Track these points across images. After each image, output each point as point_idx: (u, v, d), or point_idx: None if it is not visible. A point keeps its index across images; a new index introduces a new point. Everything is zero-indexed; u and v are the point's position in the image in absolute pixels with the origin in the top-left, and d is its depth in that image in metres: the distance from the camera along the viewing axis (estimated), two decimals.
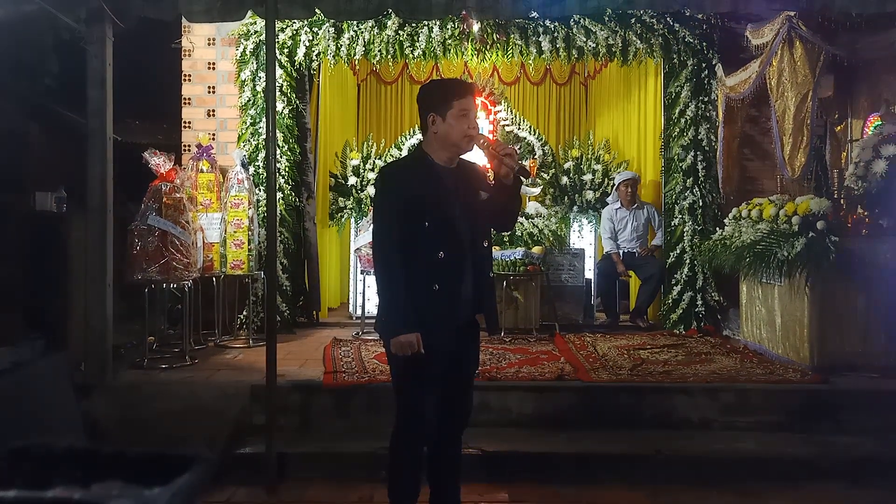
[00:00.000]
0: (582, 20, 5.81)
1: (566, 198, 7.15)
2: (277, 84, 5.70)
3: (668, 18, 5.88)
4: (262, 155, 5.79)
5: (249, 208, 5.40)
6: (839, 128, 5.60)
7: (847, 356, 4.45)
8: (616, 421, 4.03)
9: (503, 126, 7.42)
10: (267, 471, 3.46)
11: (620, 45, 5.88)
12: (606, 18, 5.79)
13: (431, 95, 2.71)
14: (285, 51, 5.88)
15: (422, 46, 5.80)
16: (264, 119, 5.53)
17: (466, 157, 2.80)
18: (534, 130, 7.56)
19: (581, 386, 4.18)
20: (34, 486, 0.58)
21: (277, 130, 5.67)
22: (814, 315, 4.48)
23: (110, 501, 0.55)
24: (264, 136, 5.24)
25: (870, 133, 5.24)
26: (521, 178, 2.66)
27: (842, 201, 4.82)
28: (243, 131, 5.98)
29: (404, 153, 6.79)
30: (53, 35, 4.71)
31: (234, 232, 5.37)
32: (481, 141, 2.69)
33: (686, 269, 6.02)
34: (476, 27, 5.73)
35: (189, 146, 6.05)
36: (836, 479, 3.52)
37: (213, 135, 6.05)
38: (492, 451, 3.64)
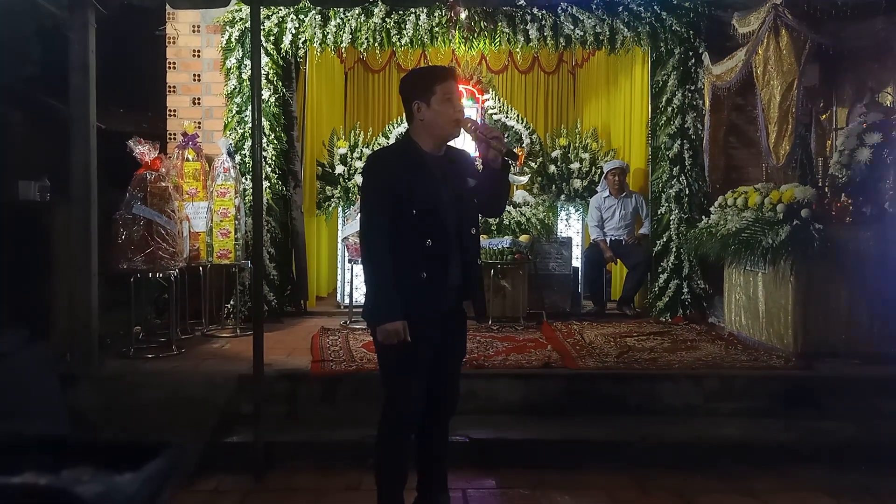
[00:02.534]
0: (569, 8, 5.80)
1: (553, 186, 7.16)
2: (263, 72, 5.67)
3: (655, 6, 5.89)
4: (248, 143, 5.75)
5: (236, 197, 5.37)
6: (824, 116, 5.63)
7: (830, 343, 4.50)
8: (602, 407, 4.06)
9: (491, 114, 7.41)
10: (254, 459, 3.47)
11: (608, 33, 5.88)
12: (594, 6, 5.79)
13: (414, 83, 2.70)
14: (271, 38, 5.84)
15: (409, 34, 5.78)
16: (250, 107, 5.49)
17: (455, 143, 2.80)
18: (521, 119, 7.56)
19: (568, 373, 4.21)
20: (1, 472, 0.57)
21: (264, 119, 5.64)
22: (798, 302, 4.52)
23: (79, 487, 0.54)
24: (250, 125, 5.21)
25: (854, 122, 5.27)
26: (510, 161, 2.67)
27: (826, 189, 4.86)
28: (229, 120, 5.94)
29: (392, 142, 6.77)
30: (35, 21, 4.65)
31: (221, 221, 5.34)
32: (468, 125, 2.69)
33: (672, 258, 6.05)
34: (463, 15, 5.71)
35: (174, 134, 6.00)
36: (818, 464, 3.57)
37: (199, 123, 6.00)
38: (479, 438, 3.66)
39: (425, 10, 5.71)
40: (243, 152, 5.79)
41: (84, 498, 0.55)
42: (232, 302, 5.68)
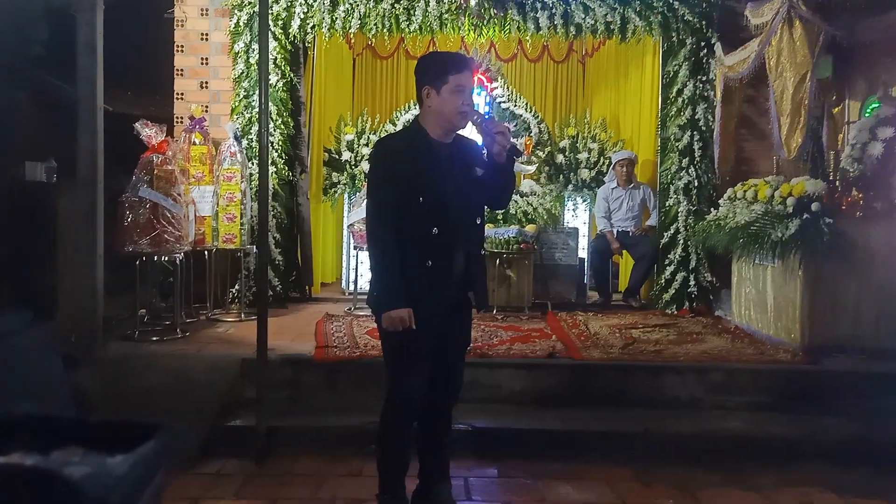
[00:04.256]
0: None
1: (561, 176, 7.12)
2: (271, 57, 5.64)
3: None
4: (255, 128, 5.73)
5: (242, 182, 5.36)
6: (836, 109, 5.57)
7: (838, 338, 4.46)
8: (606, 399, 4.05)
9: (499, 103, 7.36)
10: (257, 444, 3.47)
11: (619, 22, 5.82)
12: None
13: (428, 68, 2.68)
14: (279, 23, 5.80)
15: (418, 20, 5.73)
16: (258, 92, 5.46)
17: (463, 132, 2.78)
18: (530, 108, 7.51)
19: (572, 364, 4.19)
20: None
21: (271, 104, 5.61)
22: (806, 297, 4.48)
23: (67, 468, 0.53)
24: (258, 109, 5.19)
25: (865, 115, 5.21)
26: (514, 156, 2.65)
27: (837, 183, 4.80)
28: (236, 104, 5.91)
29: (399, 129, 6.73)
30: (43, 1, 4.63)
31: (227, 205, 5.33)
32: (475, 117, 2.67)
33: (679, 250, 6.01)
34: (473, 2, 5.66)
35: (181, 118, 5.98)
36: (823, 460, 3.54)
37: (206, 107, 5.98)
38: (481, 427, 3.66)
39: None
40: (250, 137, 5.77)
41: (71, 479, 0.53)
42: (237, 286, 5.68)
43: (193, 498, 3.08)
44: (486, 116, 2.75)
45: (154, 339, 4.61)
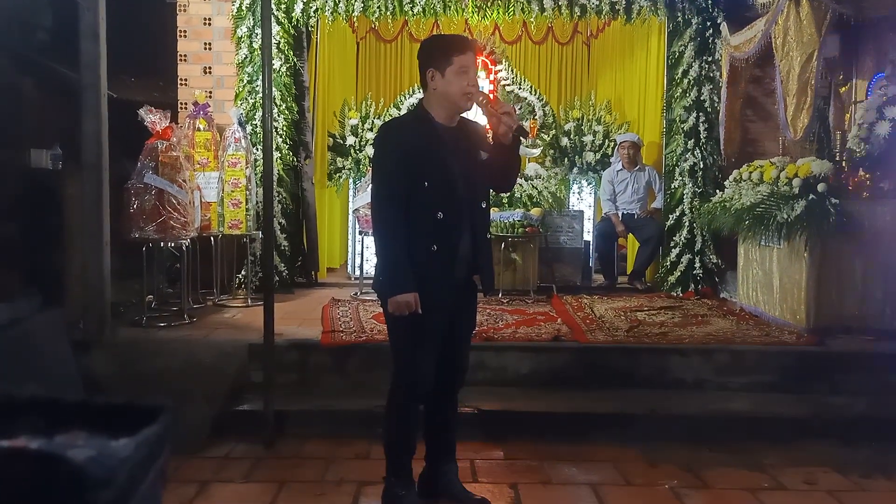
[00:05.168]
0: None
1: (566, 159, 7.10)
2: (274, 41, 5.61)
3: None
4: (259, 113, 5.72)
5: (247, 167, 5.36)
6: (843, 89, 5.52)
7: (844, 319, 4.46)
8: (611, 381, 4.06)
9: (504, 86, 7.33)
10: (265, 427, 3.50)
11: (624, 2, 5.76)
12: None
13: (431, 51, 2.67)
14: (282, 7, 5.77)
15: (421, 3, 5.69)
16: (261, 77, 5.45)
17: (467, 115, 2.77)
18: (535, 90, 7.48)
19: (577, 346, 4.21)
20: None
21: (275, 89, 5.60)
22: (812, 277, 4.48)
23: (70, 451, 0.54)
24: (261, 95, 5.18)
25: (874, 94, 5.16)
26: (520, 137, 2.65)
27: (844, 163, 4.78)
28: (240, 89, 5.90)
29: (403, 113, 6.71)
30: None
31: (232, 191, 5.34)
32: (480, 99, 2.66)
33: (685, 232, 6.00)
34: None
35: (185, 104, 5.97)
36: (828, 439, 3.55)
37: (210, 92, 5.97)
38: (488, 410, 3.68)
39: None
40: (254, 122, 5.76)
41: (75, 461, 0.54)
42: (243, 272, 5.70)
43: (203, 481, 3.12)
44: (492, 97, 2.73)
45: (162, 324, 4.64)
